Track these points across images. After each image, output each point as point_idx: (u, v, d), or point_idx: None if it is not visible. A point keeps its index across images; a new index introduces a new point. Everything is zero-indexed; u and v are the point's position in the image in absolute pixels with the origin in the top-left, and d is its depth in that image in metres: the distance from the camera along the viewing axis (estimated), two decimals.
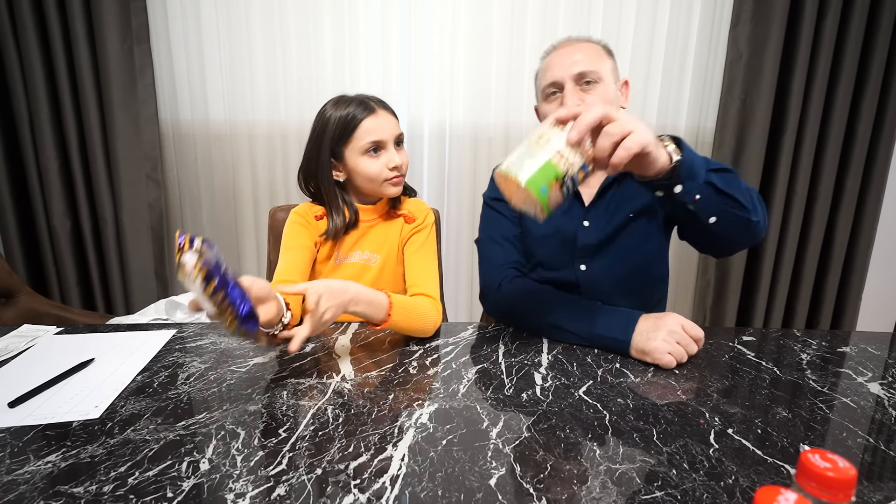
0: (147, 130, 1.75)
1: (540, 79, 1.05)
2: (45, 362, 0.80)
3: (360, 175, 1.02)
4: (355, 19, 1.75)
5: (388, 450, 0.58)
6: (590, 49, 0.99)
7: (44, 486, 0.51)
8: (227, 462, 0.56)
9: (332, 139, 1.00)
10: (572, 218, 1.07)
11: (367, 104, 1.01)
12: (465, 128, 1.85)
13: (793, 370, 0.81)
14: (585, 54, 0.97)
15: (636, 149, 0.63)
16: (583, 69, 0.95)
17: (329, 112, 1.01)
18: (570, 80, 0.96)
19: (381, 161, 1.01)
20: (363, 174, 1.01)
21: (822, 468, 0.34)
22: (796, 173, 1.83)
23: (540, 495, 0.51)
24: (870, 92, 1.77)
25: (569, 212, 1.07)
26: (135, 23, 1.67)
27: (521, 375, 0.78)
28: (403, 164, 1.04)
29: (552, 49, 1.04)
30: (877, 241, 1.97)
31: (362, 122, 0.99)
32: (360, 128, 0.99)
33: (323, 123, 1.01)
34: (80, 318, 1.49)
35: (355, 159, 1.01)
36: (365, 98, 1.02)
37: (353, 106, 1.00)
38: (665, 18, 1.78)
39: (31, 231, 1.82)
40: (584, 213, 1.06)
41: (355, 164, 1.01)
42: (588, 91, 0.96)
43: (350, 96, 1.03)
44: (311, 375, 0.77)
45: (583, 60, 0.96)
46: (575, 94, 0.96)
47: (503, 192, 0.69)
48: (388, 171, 1.01)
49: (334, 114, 1.00)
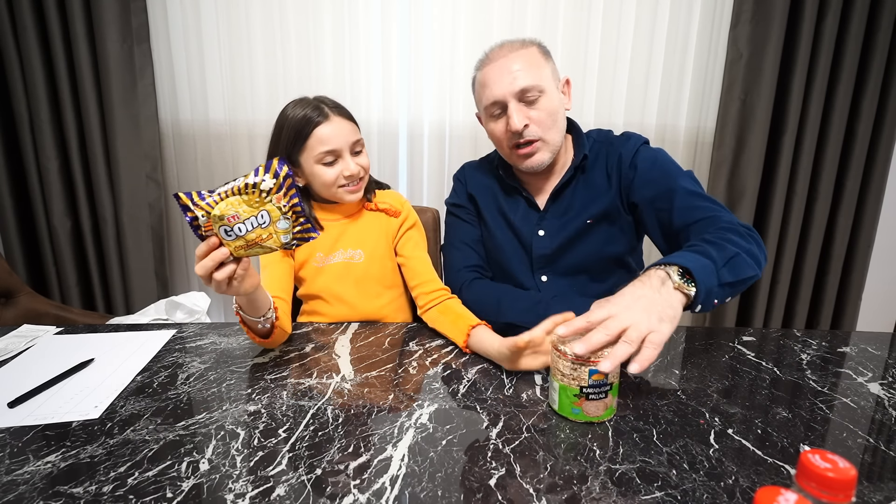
0: (147, 130, 1.75)
1: (479, 93, 1.00)
2: (45, 362, 0.80)
3: (316, 181, 1.00)
4: (355, 19, 1.75)
5: (388, 450, 0.58)
6: (526, 57, 0.94)
7: (43, 487, 0.51)
8: (227, 462, 0.56)
9: (287, 145, 0.98)
10: (528, 224, 1.05)
11: (321, 109, 0.97)
12: (465, 128, 1.85)
13: (793, 370, 0.81)
14: (523, 64, 0.93)
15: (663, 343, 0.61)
16: (524, 84, 0.92)
17: (288, 113, 0.98)
18: (513, 97, 0.93)
19: (337, 169, 0.98)
20: (318, 181, 1.00)
21: (823, 468, 0.34)
22: (796, 173, 1.83)
23: (540, 495, 0.51)
24: (870, 92, 1.77)
25: (525, 218, 1.06)
26: (135, 23, 1.66)
27: (521, 375, 0.78)
28: (361, 171, 1.01)
29: (486, 60, 0.98)
30: (877, 241, 1.97)
31: (315, 131, 0.96)
32: (313, 136, 0.96)
33: (279, 127, 0.99)
34: (79, 318, 1.49)
35: (311, 167, 0.98)
36: (321, 102, 0.98)
37: (308, 110, 0.96)
38: (665, 18, 1.78)
39: (31, 231, 1.82)
40: (538, 220, 1.04)
41: (311, 171, 0.99)
42: (532, 106, 0.94)
43: (308, 99, 1.00)
44: (311, 375, 0.77)
45: (522, 74, 0.92)
46: (520, 111, 0.93)
47: None
48: (343, 179, 0.99)
49: (290, 118, 0.97)
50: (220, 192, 0.66)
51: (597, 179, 1.02)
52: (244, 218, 0.66)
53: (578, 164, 1.01)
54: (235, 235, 0.67)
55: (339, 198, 1.02)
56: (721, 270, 0.71)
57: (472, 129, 1.86)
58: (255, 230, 0.67)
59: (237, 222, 0.66)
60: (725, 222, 0.84)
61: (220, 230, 0.67)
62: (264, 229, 0.68)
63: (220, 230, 0.67)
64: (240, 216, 0.66)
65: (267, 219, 0.67)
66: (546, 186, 1.06)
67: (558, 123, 0.97)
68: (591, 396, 0.64)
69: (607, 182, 1.01)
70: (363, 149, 1.04)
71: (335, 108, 1.00)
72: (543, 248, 1.04)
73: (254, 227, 0.67)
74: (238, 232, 0.67)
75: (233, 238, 0.67)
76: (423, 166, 1.89)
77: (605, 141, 1.05)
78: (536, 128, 0.95)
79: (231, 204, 0.66)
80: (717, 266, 0.71)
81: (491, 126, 1.00)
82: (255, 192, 0.66)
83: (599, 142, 1.05)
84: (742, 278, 0.74)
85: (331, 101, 1.02)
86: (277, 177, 0.66)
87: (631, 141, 1.02)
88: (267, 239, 0.68)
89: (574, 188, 1.03)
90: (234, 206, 0.66)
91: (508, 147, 0.99)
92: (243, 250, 0.68)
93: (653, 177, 0.96)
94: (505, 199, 1.09)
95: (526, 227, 1.06)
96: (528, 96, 0.93)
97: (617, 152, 1.01)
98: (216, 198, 0.66)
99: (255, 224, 0.67)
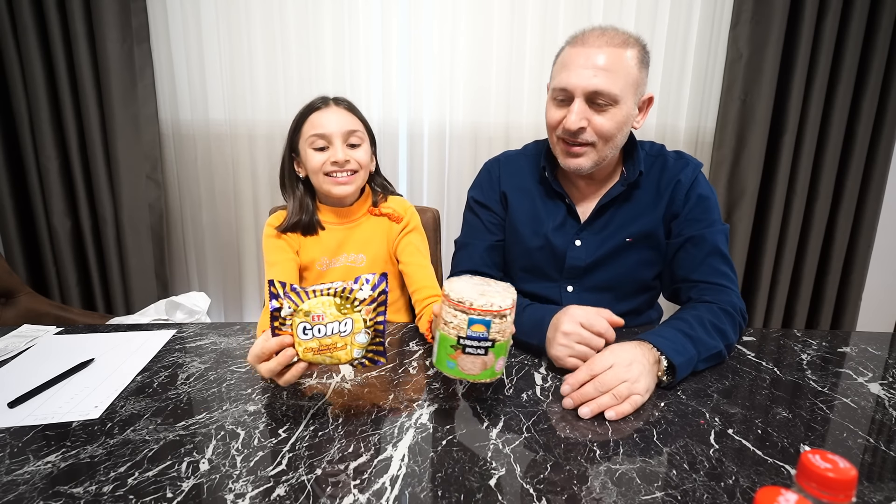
0: (147, 130, 1.75)
1: (556, 69, 0.92)
2: (45, 362, 0.80)
3: (307, 168, 1.03)
4: (355, 19, 1.75)
5: (388, 450, 0.58)
6: (618, 58, 0.85)
7: (43, 487, 0.51)
8: (227, 462, 0.56)
9: (291, 132, 1.04)
10: (565, 233, 1.01)
11: (324, 99, 1.03)
12: (465, 127, 1.85)
13: (793, 370, 0.81)
14: (610, 65, 0.84)
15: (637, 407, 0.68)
16: (600, 87, 0.84)
17: None
18: (582, 94, 0.86)
19: (325, 155, 1.00)
20: (308, 167, 1.02)
21: (823, 469, 0.34)
22: (796, 173, 1.83)
23: (540, 495, 0.51)
24: (870, 92, 1.77)
25: (562, 227, 1.01)
26: (135, 23, 1.66)
27: (521, 375, 0.78)
28: (354, 163, 1.01)
29: (579, 40, 0.89)
30: (877, 241, 1.97)
31: (311, 116, 1.01)
32: (308, 121, 1.01)
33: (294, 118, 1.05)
34: (80, 318, 1.49)
35: (304, 151, 1.02)
36: (329, 97, 1.04)
37: (317, 100, 1.03)
38: (665, 18, 1.78)
39: (31, 231, 1.82)
40: (576, 231, 1.00)
41: (304, 156, 1.02)
42: (599, 112, 0.87)
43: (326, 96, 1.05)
44: (310, 375, 0.77)
45: (603, 75, 0.84)
46: (583, 112, 0.87)
47: None
48: (330, 166, 0.99)
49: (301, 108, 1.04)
50: (316, 289, 0.64)
51: (643, 197, 0.98)
52: (328, 321, 0.63)
53: (633, 181, 0.97)
54: (313, 336, 0.63)
55: (326, 189, 1.02)
56: (699, 363, 0.78)
57: (472, 129, 1.86)
58: (334, 336, 0.64)
59: (319, 323, 0.63)
60: (729, 305, 0.89)
61: (298, 327, 0.63)
62: (342, 338, 0.64)
63: (298, 327, 0.63)
64: (325, 317, 0.63)
65: (349, 328, 0.64)
66: (590, 195, 1.01)
67: (617, 138, 0.90)
68: (469, 350, 0.61)
69: (654, 201, 0.97)
70: (362, 143, 1.03)
71: (341, 101, 1.03)
72: (578, 260, 1.00)
73: (334, 332, 0.63)
74: (317, 333, 0.63)
75: (308, 338, 0.63)
76: (423, 166, 1.89)
77: (658, 156, 1.00)
78: (593, 135, 0.89)
79: (322, 303, 0.63)
80: (698, 359, 0.78)
81: (550, 108, 0.93)
82: (348, 298, 0.64)
83: (652, 156, 1.00)
84: (708, 366, 0.82)
85: (344, 98, 1.05)
86: (375, 290, 0.64)
87: (690, 166, 0.98)
88: (341, 348, 0.64)
89: (621, 204, 0.98)
90: (324, 307, 0.63)
91: (557, 137, 0.93)
92: (311, 353, 0.64)
93: (698, 216, 0.96)
94: (543, 204, 1.03)
95: (562, 235, 1.01)
96: (598, 100, 0.86)
97: (672, 174, 0.97)
98: (309, 293, 0.64)
99: (336, 330, 0.63)
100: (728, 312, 0.87)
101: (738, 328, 0.88)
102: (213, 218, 1.94)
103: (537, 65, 1.80)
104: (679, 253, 0.97)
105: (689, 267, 0.96)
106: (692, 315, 0.85)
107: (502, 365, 0.66)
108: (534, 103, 1.83)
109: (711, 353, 0.80)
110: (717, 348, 0.81)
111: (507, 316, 0.63)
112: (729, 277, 0.94)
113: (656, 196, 0.98)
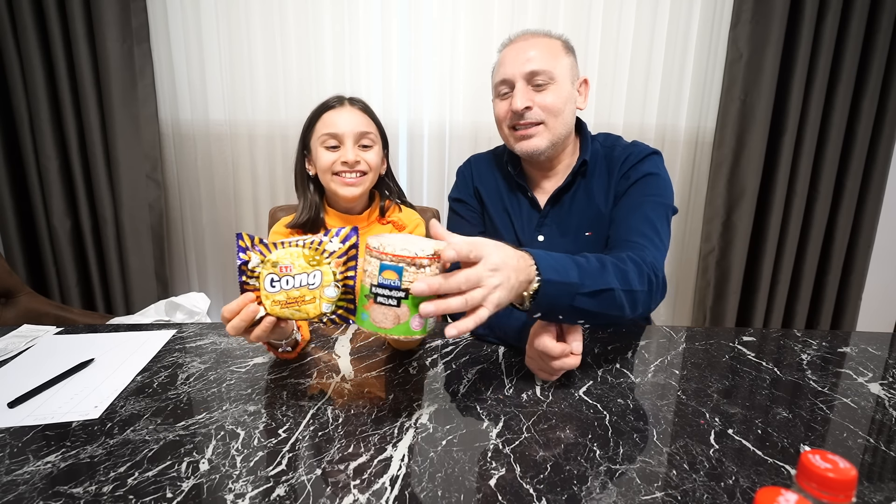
0: (147, 130, 1.75)
1: (494, 73, 1.01)
2: (45, 362, 0.80)
3: (317, 166, 1.03)
4: (355, 19, 1.75)
5: (388, 450, 0.58)
6: (546, 45, 0.94)
7: (43, 487, 0.51)
8: (227, 462, 0.56)
9: (305, 129, 1.04)
10: (529, 226, 1.04)
11: (340, 98, 1.03)
12: (465, 128, 1.85)
13: (793, 370, 0.81)
14: (540, 51, 0.93)
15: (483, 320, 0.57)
16: (535, 67, 0.92)
17: None
18: (522, 78, 0.93)
19: (335, 155, 1.00)
20: (318, 165, 1.02)
21: (823, 469, 0.34)
22: (796, 173, 1.83)
23: (540, 495, 0.51)
24: (870, 92, 1.77)
25: (526, 220, 1.04)
26: (135, 23, 1.67)
27: (521, 375, 0.78)
28: (364, 164, 1.01)
29: (508, 42, 0.99)
30: (877, 241, 1.97)
31: (324, 114, 1.01)
32: (321, 119, 1.01)
33: None
34: (80, 318, 1.49)
35: (316, 150, 1.02)
36: (345, 96, 1.04)
37: (332, 99, 1.03)
38: (665, 18, 1.78)
39: (31, 231, 1.82)
40: (538, 223, 1.02)
41: (316, 154, 1.02)
42: (540, 91, 0.93)
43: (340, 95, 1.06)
44: (311, 375, 0.77)
45: (537, 58, 0.92)
46: (525, 93, 0.93)
47: None
48: (340, 166, 1.00)
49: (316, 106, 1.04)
50: (285, 242, 0.63)
51: (595, 187, 1.00)
52: (296, 272, 0.63)
53: (578, 168, 1.00)
54: (280, 288, 0.63)
55: (333, 189, 1.02)
56: (578, 297, 0.65)
57: (472, 129, 1.86)
58: (302, 288, 0.63)
59: (287, 274, 0.62)
60: (639, 257, 0.79)
61: (266, 278, 0.63)
62: (311, 290, 0.63)
63: (266, 278, 0.63)
64: (293, 268, 0.62)
65: (318, 280, 0.63)
66: (548, 186, 1.05)
67: (564, 115, 0.96)
68: (381, 299, 0.57)
69: (606, 190, 0.99)
70: (374, 146, 1.03)
71: (356, 101, 1.04)
72: None
73: (302, 284, 0.63)
74: (284, 285, 0.63)
75: (276, 290, 0.63)
76: (423, 166, 1.89)
77: (610, 146, 1.02)
78: (539, 111, 0.94)
79: (290, 254, 0.63)
80: (578, 291, 0.65)
81: (496, 105, 1.00)
82: (317, 250, 0.63)
83: (606, 147, 1.02)
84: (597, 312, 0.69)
85: (360, 99, 1.05)
86: (345, 243, 0.64)
87: (637, 148, 0.99)
88: (309, 301, 0.63)
89: (574, 193, 1.01)
90: (292, 257, 0.63)
91: (508, 128, 0.99)
92: (279, 307, 0.63)
93: (639, 189, 0.94)
94: (509, 197, 1.07)
95: (527, 229, 1.04)
96: (537, 79, 0.92)
97: (620, 157, 0.99)
98: (278, 245, 0.63)
99: (304, 282, 0.63)
100: (636, 261, 0.77)
101: (646, 281, 0.76)
102: (213, 218, 1.94)
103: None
104: (612, 219, 0.96)
105: (615, 229, 0.93)
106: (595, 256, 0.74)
107: (420, 323, 0.58)
108: None
109: (599, 289, 0.67)
110: (607, 285, 0.68)
111: (427, 267, 0.57)
112: (650, 239, 0.87)
113: (608, 182, 0.99)
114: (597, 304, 0.67)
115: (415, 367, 0.80)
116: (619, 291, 0.70)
